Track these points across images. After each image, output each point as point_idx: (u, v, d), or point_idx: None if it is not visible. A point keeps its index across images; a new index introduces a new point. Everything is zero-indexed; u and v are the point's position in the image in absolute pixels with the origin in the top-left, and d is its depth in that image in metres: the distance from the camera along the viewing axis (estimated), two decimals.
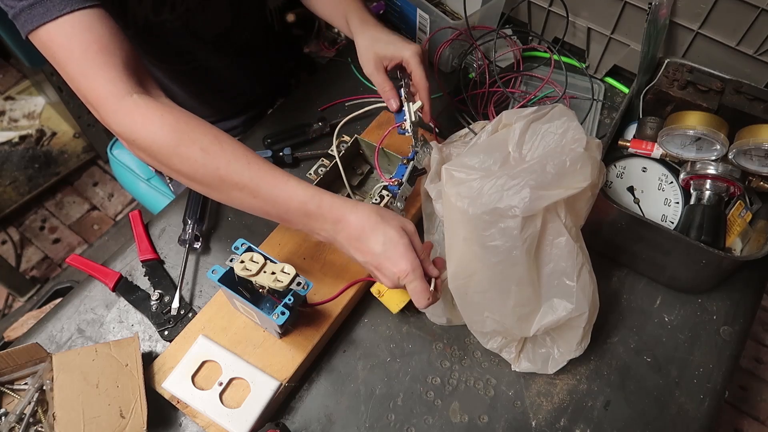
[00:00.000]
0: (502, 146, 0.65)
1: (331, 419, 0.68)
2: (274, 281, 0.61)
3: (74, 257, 0.78)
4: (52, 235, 1.82)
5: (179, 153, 0.60)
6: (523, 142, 0.64)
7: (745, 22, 0.81)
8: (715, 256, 0.68)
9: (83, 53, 0.59)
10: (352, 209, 0.60)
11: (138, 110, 0.60)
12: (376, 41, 0.77)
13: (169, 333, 0.73)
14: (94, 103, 0.61)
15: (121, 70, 0.60)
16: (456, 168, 0.63)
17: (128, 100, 0.60)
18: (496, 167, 0.64)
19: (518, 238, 0.59)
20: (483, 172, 0.62)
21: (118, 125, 0.61)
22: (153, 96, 0.62)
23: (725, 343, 0.74)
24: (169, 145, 0.60)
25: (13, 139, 1.89)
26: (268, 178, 0.60)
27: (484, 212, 0.59)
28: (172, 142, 0.59)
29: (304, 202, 0.60)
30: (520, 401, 0.70)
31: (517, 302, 0.63)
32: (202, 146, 0.60)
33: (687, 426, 0.69)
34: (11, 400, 0.67)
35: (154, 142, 0.60)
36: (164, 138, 0.60)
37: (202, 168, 0.60)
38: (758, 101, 0.75)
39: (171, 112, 0.61)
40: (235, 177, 0.60)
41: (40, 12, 0.58)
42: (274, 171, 0.61)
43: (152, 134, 0.60)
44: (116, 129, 0.61)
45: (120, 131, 0.61)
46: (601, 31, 0.96)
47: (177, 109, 0.62)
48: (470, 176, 0.62)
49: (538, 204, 0.58)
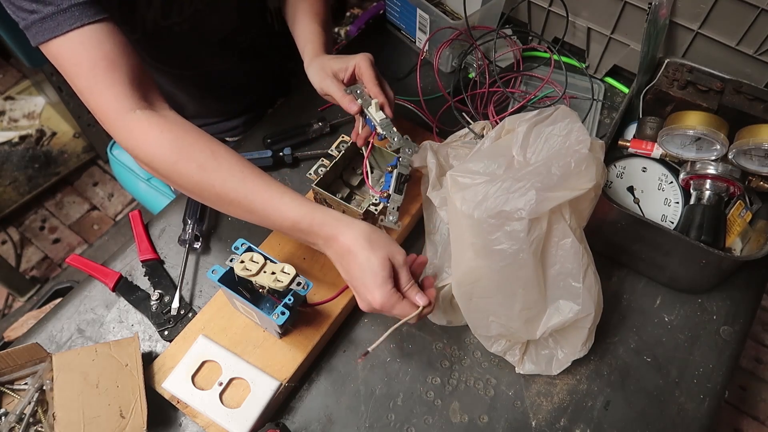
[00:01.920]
0: (506, 151, 0.65)
1: (331, 419, 0.68)
2: (274, 281, 0.61)
3: (74, 257, 0.78)
4: (52, 235, 1.82)
5: (177, 170, 0.62)
6: (527, 145, 0.64)
7: (745, 22, 0.81)
8: (715, 256, 0.68)
9: (91, 69, 0.61)
10: (343, 229, 0.61)
11: (140, 127, 0.62)
12: (327, 61, 0.78)
13: (169, 333, 0.73)
14: (101, 117, 0.64)
15: (127, 85, 0.62)
16: (460, 173, 0.64)
17: (131, 116, 0.62)
18: (501, 171, 0.64)
19: (525, 241, 0.59)
20: (488, 176, 0.62)
21: (121, 140, 0.64)
22: (156, 109, 0.65)
23: (725, 343, 0.74)
24: (168, 162, 0.62)
25: (13, 139, 1.89)
26: (262, 194, 0.62)
27: (489, 216, 0.59)
28: (171, 159, 0.62)
29: (297, 222, 0.62)
30: (520, 401, 0.70)
31: (523, 305, 0.63)
32: (199, 163, 0.62)
33: (687, 426, 0.69)
34: (11, 400, 0.67)
35: (153, 159, 0.63)
36: (163, 155, 0.62)
37: (199, 184, 0.62)
38: (758, 101, 0.75)
39: (171, 128, 0.63)
40: (231, 194, 0.62)
41: (51, 26, 0.60)
42: (269, 186, 0.63)
43: (152, 151, 0.62)
44: (121, 143, 0.64)
45: (124, 146, 0.64)
46: (601, 31, 0.96)
47: (178, 124, 0.64)
48: (475, 181, 0.62)
49: (544, 206, 0.58)
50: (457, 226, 0.64)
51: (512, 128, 0.67)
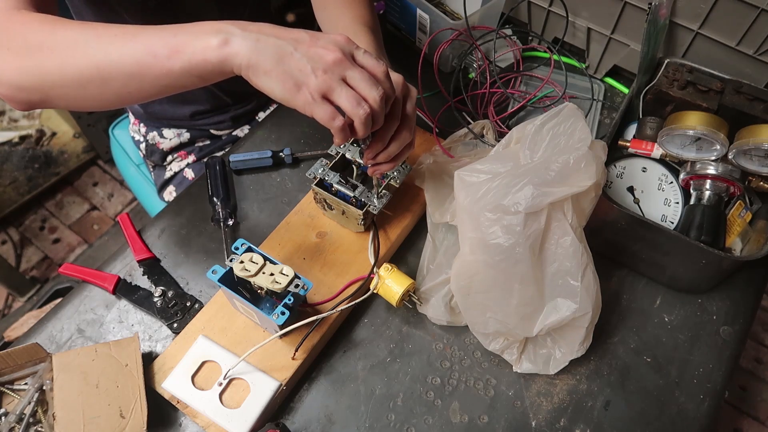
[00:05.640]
0: (514, 155, 0.66)
1: (331, 419, 0.68)
2: (272, 283, 0.61)
3: (67, 266, 0.77)
4: (52, 235, 1.82)
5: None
6: (534, 144, 0.65)
7: (745, 22, 0.81)
8: (715, 256, 0.68)
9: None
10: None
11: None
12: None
13: (178, 325, 0.73)
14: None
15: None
16: (467, 172, 0.65)
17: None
18: (505, 170, 0.64)
19: (521, 235, 0.59)
20: (492, 174, 0.63)
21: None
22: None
23: (725, 343, 0.74)
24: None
25: (13, 139, 1.89)
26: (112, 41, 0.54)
27: (488, 210, 0.60)
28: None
29: (167, 39, 0.53)
30: (520, 401, 0.70)
31: (520, 301, 0.63)
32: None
33: (687, 426, 0.69)
34: (11, 400, 0.67)
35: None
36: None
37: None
38: (758, 101, 0.75)
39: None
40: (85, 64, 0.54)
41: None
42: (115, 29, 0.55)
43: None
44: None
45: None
46: (601, 31, 0.96)
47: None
48: (480, 179, 0.63)
49: (541, 201, 0.59)
50: (460, 222, 0.65)
51: (521, 136, 0.67)
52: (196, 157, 1.07)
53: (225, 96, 1.04)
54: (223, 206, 0.81)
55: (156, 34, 0.53)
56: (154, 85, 0.55)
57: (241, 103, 1.07)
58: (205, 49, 0.51)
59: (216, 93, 1.02)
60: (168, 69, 0.53)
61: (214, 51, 0.51)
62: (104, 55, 0.54)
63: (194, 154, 1.07)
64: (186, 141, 1.07)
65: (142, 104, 1.04)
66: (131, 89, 0.56)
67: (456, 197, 0.65)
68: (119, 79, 0.55)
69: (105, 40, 0.54)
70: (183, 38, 0.52)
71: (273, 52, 0.51)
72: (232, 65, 0.52)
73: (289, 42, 0.52)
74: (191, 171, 1.06)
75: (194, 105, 1.02)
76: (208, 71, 0.53)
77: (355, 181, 0.74)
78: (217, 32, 0.52)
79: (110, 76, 0.55)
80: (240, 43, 0.51)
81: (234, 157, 0.87)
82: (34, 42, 0.56)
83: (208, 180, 0.84)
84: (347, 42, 0.54)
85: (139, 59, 0.53)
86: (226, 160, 0.87)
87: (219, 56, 0.51)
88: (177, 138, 1.06)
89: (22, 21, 0.57)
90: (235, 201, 0.84)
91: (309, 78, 0.51)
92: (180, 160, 1.08)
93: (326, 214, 0.78)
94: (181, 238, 0.81)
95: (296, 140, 0.92)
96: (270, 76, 0.51)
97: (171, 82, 0.55)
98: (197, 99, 1.02)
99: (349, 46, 0.54)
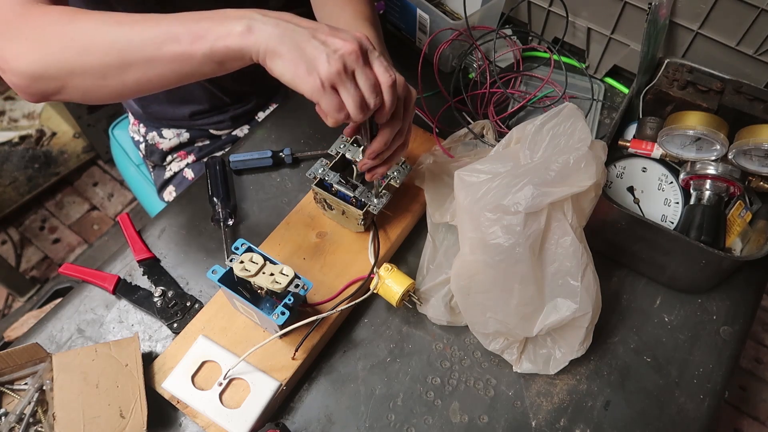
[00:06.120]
0: (514, 155, 0.66)
1: (331, 419, 0.68)
2: (272, 283, 0.61)
3: (67, 266, 0.77)
4: (52, 235, 1.82)
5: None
6: (534, 144, 0.65)
7: (745, 22, 0.81)
8: (715, 256, 0.68)
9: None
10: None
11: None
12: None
13: (178, 325, 0.73)
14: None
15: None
16: (467, 172, 0.65)
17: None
18: (505, 170, 0.64)
19: (521, 235, 0.59)
20: (492, 174, 0.63)
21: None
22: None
23: (725, 343, 0.74)
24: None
25: (13, 139, 1.89)
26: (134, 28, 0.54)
27: (488, 210, 0.60)
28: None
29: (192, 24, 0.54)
30: (520, 401, 0.70)
31: (520, 301, 0.63)
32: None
33: (687, 426, 0.69)
34: (11, 400, 0.67)
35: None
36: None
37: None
38: (758, 101, 0.75)
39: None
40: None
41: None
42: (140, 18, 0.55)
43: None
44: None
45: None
46: (601, 31, 0.96)
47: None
48: (480, 179, 0.63)
49: (541, 201, 0.59)
50: (461, 222, 0.65)
51: (521, 136, 0.67)
52: (196, 157, 1.07)
53: (224, 96, 1.03)
54: (223, 206, 0.81)
55: (178, 20, 0.54)
56: (175, 71, 0.55)
57: (241, 103, 1.07)
58: (228, 36, 0.52)
59: (215, 93, 1.02)
60: (190, 54, 0.53)
61: (237, 38, 0.52)
62: (127, 40, 0.54)
63: (194, 154, 1.07)
64: (185, 141, 1.07)
65: (142, 104, 1.04)
66: (151, 75, 0.56)
67: (456, 197, 0.65)
68: (140, 65, 0.55)
69: (126, 26, 0.55)
70: (206, 24, 0.53)
71: (291, 39, 0.52)
72: (251, 52, 0.52)
73: (308, 30, 0.52)
74: (191, 171, 1.06)
75: (193, 105, 1.02)
76: (230, 57, 0.53)
77: (355, 181, 0.75)
78: (240, 19, 0.52)
79: (132, 61, 0.55)
80: (262, 29, 0.52)
81: (234, 157, 0.87)
82: (55, 31, 0.56)
83: (208, 180, 0.84)
84: (366, 40, 0.55)
85: (161, 44, 0.53)
86: (226, 160, 0.87)
87: (241, 43, 0.52)
88: (176, 138, 1.06)
89: (41, 12, 0.58)
90: (235, 201, 0.84)
91: (322, 64, 0.51)
92: (180, 160, 1.08)
93: (326, 214, 0.78)
94: (181, 238, 0.81)
95: (296, 140, 0.92)
96: (284, 59, 0.52)
97: (192, 69, 0.55)
98: (196, 99, 1.02)
99: (367, 44, 0.55)
